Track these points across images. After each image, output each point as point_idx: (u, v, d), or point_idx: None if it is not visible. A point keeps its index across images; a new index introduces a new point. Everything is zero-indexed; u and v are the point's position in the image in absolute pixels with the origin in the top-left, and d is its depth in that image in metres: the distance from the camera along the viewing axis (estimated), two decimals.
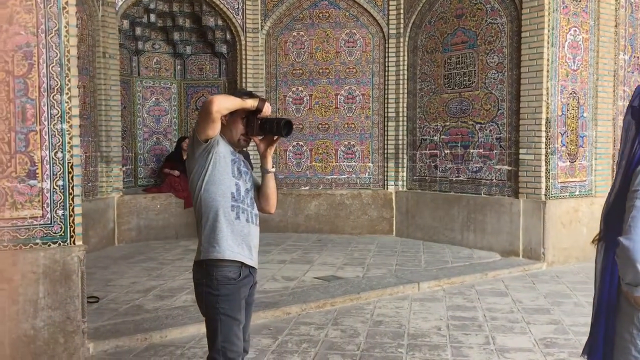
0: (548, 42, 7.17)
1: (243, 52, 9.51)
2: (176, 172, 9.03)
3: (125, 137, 9.36)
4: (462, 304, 5.54)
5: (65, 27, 4.04)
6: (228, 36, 9.66)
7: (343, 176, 9.59)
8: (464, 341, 4.50)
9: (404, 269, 6.79)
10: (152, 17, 9.45)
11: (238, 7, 9.42)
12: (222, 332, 2.57)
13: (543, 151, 7.22)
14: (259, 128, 2.68)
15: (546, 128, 7.20)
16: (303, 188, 9.64)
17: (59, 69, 4.01)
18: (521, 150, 7.44)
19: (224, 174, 2.63)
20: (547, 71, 7.18)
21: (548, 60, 7.18)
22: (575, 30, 7.41)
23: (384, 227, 9.38)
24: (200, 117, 2.56)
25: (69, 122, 4.07)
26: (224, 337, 2.57)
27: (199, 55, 10.17)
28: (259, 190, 2.83)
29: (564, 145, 7.40)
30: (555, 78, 7.25)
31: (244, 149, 2.81)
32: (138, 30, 9.45)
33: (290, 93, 9.63)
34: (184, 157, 5.15)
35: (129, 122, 9.57)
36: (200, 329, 4.31)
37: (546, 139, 7.22)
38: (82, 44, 7.65)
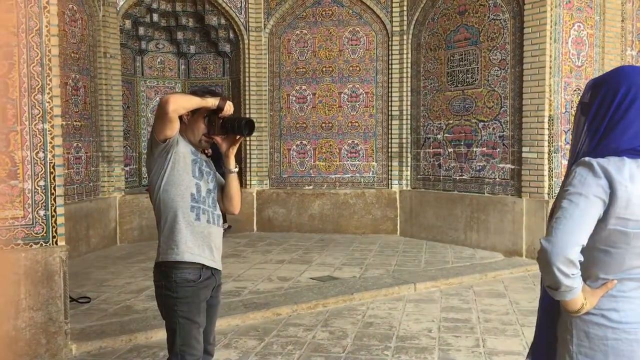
0: (551, 38, 7.02)
1: (246, 51, 9.48)
2: None
3: (129, 137, 9.40)
4: (457, 306, 5.44)
5: (47, 26, 4.02)
6: (231, 35, 9.64)
7: (347, 175, 9.51)
8: (453, 343, 4.40)
9: (402, 270, 6.70)
10: (155, 17, 9.46)
11: (241, 6, 9.39)
12: (180, 335, 2.53)
13: (546, 149, 7.07)
14: (221, 127, 2.62)
15: (549, 126, 7.06)
16: (307, 187, 9.58)
17: (40, 68, 4.00)
18: (524, 149, 7.30)
19: (183, 174, 2.58)
20: (550, 67, 7.04)
21: (551, 56, 7.04)
22: (579, 26, 7.25)
23: (388, 226, 9.28)
24: (156, 117, 2.51)
25: (50, 122, 4.05)
26: (183, 340, 2.52)
27: (203, 55, 10.17)
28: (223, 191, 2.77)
29: (568, 143, 7.24)
30: (558, 75, 7.10)
31: (207, 151, 2.75)
32: (141, 30, 9.48)
33: (294, 92, 9.58)
34: None
35: (132, 122, 9.60)
36: None
37: (549, 136, 7.07)
38: (82, 44, 7.69)
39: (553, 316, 1.79)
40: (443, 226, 8.48)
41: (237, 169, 2.73)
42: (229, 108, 2.61)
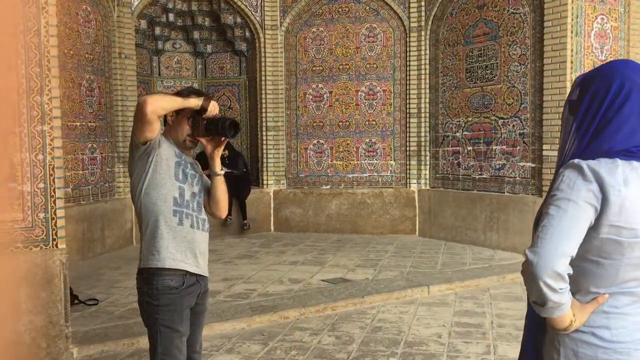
0: (572, 32, 6.77)
1: (262, 50, 9.40)
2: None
3: None
4: (471, 309, 5.26)
5: (45, 27, 3.97)
6: (247, 34, 9.56)
7: (364, 174, 9.36)
8: (463, 350, 4.24)
9: (417, 272, 6.53)
10: (171, 17, 9.43)
11: (257, 4, 9.31)
12: (161, 344, 2.44)
13: None
14: (205, 129, 2.52)
15: None
16: (324, 187, 9.46)
17: (38, 69, 3.95)
18: (544, 147, 7.06)
19: (165, 177, 2.48)
20: (571, 62, 6.79)
21: (572, 50, 6.79)
22: (602, 18, 6.97)
23: (407, 226, 9.10)
24: (135, 119, 2.42)
25: (49, 123, 4.00)
26: (164, 349, 2.44)
27: (220, 54, 10.11)
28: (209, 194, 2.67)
29: None
30: (580, 70, 6.84)
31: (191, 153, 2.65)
32: (157, 30, 9.46)
33: (310, 90, 9.47)
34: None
35: None
36: None
37: None
38: (96, 45, 7.69)
39: (539, 332, 1.64)
40: (462, 226, 8.27)
41: (223, 171, 2.63)
42: (213, 108, 2.51)
